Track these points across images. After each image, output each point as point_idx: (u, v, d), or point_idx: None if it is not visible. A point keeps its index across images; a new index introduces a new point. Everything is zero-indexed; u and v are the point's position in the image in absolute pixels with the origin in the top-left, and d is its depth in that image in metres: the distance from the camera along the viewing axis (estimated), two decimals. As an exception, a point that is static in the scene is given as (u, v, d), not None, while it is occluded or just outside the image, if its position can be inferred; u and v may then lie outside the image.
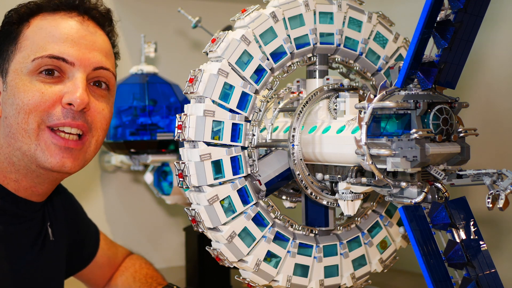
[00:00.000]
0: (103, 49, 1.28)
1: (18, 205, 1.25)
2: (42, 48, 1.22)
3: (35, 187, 1.26)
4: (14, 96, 1.21)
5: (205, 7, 2.29)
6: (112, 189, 2.22)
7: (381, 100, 1.02)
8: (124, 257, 1.65)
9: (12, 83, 1.22)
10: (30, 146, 1.20)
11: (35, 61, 1.21)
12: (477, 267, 1.01)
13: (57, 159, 1.20)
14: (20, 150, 1.21)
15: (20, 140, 1.20)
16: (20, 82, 1.21)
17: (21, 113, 1.19)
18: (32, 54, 1.21)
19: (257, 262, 1.22)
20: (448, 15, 1.00)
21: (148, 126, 1.87)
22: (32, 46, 1.22)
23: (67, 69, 1.22)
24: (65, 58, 1.22)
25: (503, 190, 0.95)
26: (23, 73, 1.21)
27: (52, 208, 1.38)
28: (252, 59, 1.22)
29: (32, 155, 1.20)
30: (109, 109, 1.29)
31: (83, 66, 1.23)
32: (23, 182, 1.25)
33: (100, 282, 1.60)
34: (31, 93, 1.20)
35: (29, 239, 1.29)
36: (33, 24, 1.25)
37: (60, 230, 1.40)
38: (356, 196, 1.19)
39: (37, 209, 1.31)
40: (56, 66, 1.22)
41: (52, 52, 1.21)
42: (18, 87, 1.21)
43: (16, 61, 1.23)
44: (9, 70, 1.23)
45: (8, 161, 1.23)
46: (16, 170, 1.24)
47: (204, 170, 1.18)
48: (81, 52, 1.23)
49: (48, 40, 1.22)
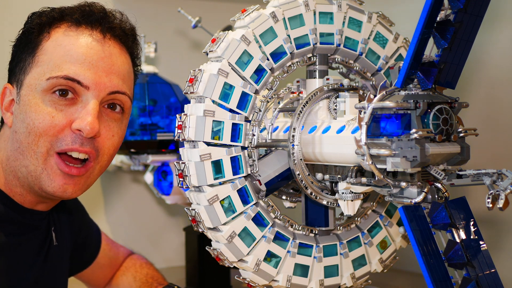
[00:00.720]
0: (120, 72, 1.23)
1: (25, 215, 1.25)
2: (58, 67, 1.18)
3: (40, 200, 1.25)
4: (25, 114, 1.18)
5: (205, 7, 2.29)
6: (112, 189, 2.22)
7: (381, 100, 1.02)
8: (125, 257, 1.65)
9: (25, 99, 1.19)
10: (37, 168, 1.18)
11: (50, 81, 1.18)
12: (477, 267, 1.01)
13: (59, 184, 1.18)
14: (27, 168, 1.19)
15: (28, 159, 1.18)
16: (33, 100, 1.18)
17: (32, 134, 1.17)
18: (48, 73, 1.18)
19: (257, 262, 1.22)
20: (448, 15, 1.00)
21: (148, 126, 1.87)
22: (48, 63, 1.19)
23: (81, 92, 1.19)
24: (80, 81, 1.18)
25: (503, 190, 0.95)
26: (36, 91, 1.18)
27: (56, 212, 1.38)
28: (252, 59, 1.22)
29: (38, 177, 1.19)
30: (120, 134, 1.26)
31: (98, 90, 1.19)
32: (28, 197, 1.24)
33: (101, 282, 1.60)
34: (42, 116, 1.17)
35: (35, 247, 1.28)
36: (53, 38, 1.21)
37: (63, 233, 1.39)
38: (356, 196, 1.19)
39: (43, 218, 1.30)
40: (71, 87, 1.18)
41: (67, 73, 1.17)
42: (30, 105, 1.18)
43: (32, 76, 1.20)
44: (24, 83, 1.20)
45: (13, 175, 1.22)
46: (21, 185, 1.22)
47: (204, 170, 1.18)
48: (97, 76, 1.19)
49: (65, 59, 1.19)
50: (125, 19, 1.29)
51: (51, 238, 1.33)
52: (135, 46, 1.31)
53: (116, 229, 2.20)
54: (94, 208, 2.14)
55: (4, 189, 1.23)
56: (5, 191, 1.23)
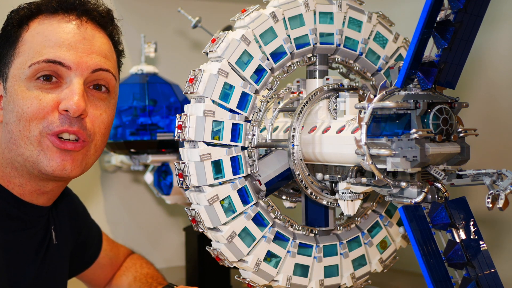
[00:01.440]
0: (101, 51, 1.26)
1: (24, 210, 1.25)
2: (39, 53, 1.20)
3: (40, 189, 1.26)
4: (13, 103, 1.20)
5: (205, 7, 2.29)
6: (112, 189, 2.22)
7: (381, 100, 1.02)
8: (125, 256, 1.65)
9: (11, 90, 1.21)
10: (33, 152, 1.19)
11: (32, 67, 1.20)
12: (477, 267, 1.01)
13: (57, 162, 1.20)
14: (22, 156, 1.20)
15: (22, 146, 1.20)
16: (19, 88, 1.20)
17: (22, 120, 1.19)
18: (29, 60, 1.20)
19: (257, 262, 1.22)
20: (448, 15, 1.00)
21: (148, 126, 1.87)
22: (29, 52, 1.21)
23: (65, 74, 1.21)
24: (61, 61, 1.20)
25: (503, 190, 0.95)
26: (21, 79, 1.20)
27: (56, 211, 1.38)
28: (252, 59, 1.22)
29: (35, 161, 1.20)
30: (108, 113, 1.27)
31: (81, 69, 1.21)
32: (28, 186, 1.24)
33: (101, 282, 1.60)
34: (29, 100, 1.19)
35: (34, 245, 1.28)
36: (31, 28, 1.24)
37: (64, 233, 1.39)
38: (356, 196, 1.19)
39: (43, 214, 1.30)
40: (53, 71, 1.20)
41: (48, 57, 1.20)
42: (17, 93, 1.20)
43: (15, 66, 1.22)
44: (9, 76, 1.23)
45: (11, 166, 1.23)
46: (19, 175, 1.23)
47: (204, 170, 1.18)
48: (78, 56, 1.22)
49: (45, 44, 1.21)
50: (101, 3, 1.31)
51: (51, 236, 1.33)
52: (114, 28, 1.33)
53: (116, 229, 2.20)
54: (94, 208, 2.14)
55: (2, 183, 1.24)
56: (3, 184, 1.24)
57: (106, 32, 1.30)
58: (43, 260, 1.30)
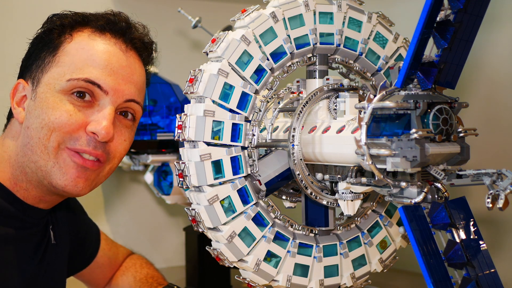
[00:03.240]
0: (138, 82, 1.27)
1: (25, 212, 1.25)
2: (80, 70, 1.21)
3: (44, 197, 1.26)
4: (41, 110, 1.20)
5: (205, 7, 2.29)
6: (112, 189, 2.22)
7: (381, 100, 1.02)
8: (125, 257, 1.65)
9: (42, 96, 1.21)
10: (47, 163, 1.20)
11: (70, 82, 1.20)
12: (477, 267, 1.01)
13: (72, 177, 1.20)
14: (36, 164, 1.20)
15: (38, 154, 1.20)
16: (51, 98, 1.20)
17: (45, 128, 1.19)
18: (69, 74, 1.20)
19: (257, 262, 1.22)
20: (448, 15, 1.00)
21: (148, 126, 1.88)
22: (70, 65, 1.21)
23: (99, 96, 1.21)
24: (100, 85, 1.21)
25: (503, 190, 0.95)
26: (55, 90, 1.20)
27: (54, 212, 1.38)
28: (252, 59, 1.22)
29: (48, 172, 1.20)
30: (130, 140, 1.29)
31: (116, 96, 1.22)
32: (33, 192, 1.24)
33: (100, 282, 1.61)
34: (59, 112, 1.19)
35: (32, 244, 1.28)
36: (76, 40, 1.23)
37: (62, 233, 1.40)
38: (356, 196, 1.19)
39: (43, 216, 1.30)
40: (90, 90, 1.21)
41: (89, 76, 1.20)
42: (48, 102, 1.20)
43: (51, 75, 1.21)
44: (42, 81, 1.22)
45: (21, 170, 1.23)
46: (27, 180, 1.23)
47: (204, 170, 1.18)
48: (117, 83, 1.22)
49: (88, 63, 1.21)
50: (147, 33, 1.33)
51: (49, 236, 1.33)
52: (150, 60, 1.35)
53: (116, 229, 2.20)
54: (94, 208, 2.14)
55: (8, 185, 1.24)
56: (9, 186, 1.24)
57: (143, 62, 1.32)
58: (42, 260, 1.30)
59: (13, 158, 1.24)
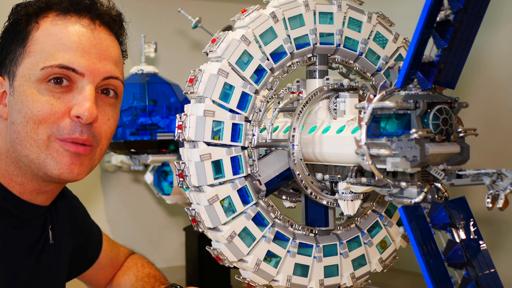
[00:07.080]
0: (113, 57, 1.25)
1: (22, 208, 1.25)
2: (52, 56, 1.19)
3: (41, 188, 1.26)
4: (22, 104, 1.19)
5: (205, 7, 2.29)
6: (112, 189, 2.22)
7: (381, 100, 1.02)
8: (126, 256, 1.65)
9: (20, 89, 1.20)
10: (40, 155, 1.19)
11: (44, 70, 1.19)
12: (477, 267, 1.01)
13: (66, 165, 1.20)
14: (27, 157, 1.20)
15: (28, 148, 1.19)
16: (29, 90, 1.19)
17: (30, 122, 1.18)
18: (41, 62, 1.19)
19: (257, 262, 1.22)
20: (448, 15, 1.00)
21: (148, 126, 1.88)
22: (41, 53, 1.20)
23: (77, 79, 1.20)
24: (75, 68, 1.19)
25: (503, 190, 0.95)
26: (31, 81, 1.19)
27: (55, 212, 1.38)
28: (252, 59, 1.22)
29: (41, 163, 1.19)
30: (115, 118, 1.28)
31: (93, 76, 1.21)
32: (29, 185, 1.24)
33: (102, 282, 1.60)
34: (40, 104, 1.18)
35: (29, 243, 1.28)
36: (43, 27, 1.22)
37: (63, 234, 1.39)
38: (356, 196, 1.19)
39: (41, 213, 1.30)
40: (65, 75, 1.19)
41: (62, 62, 1.19)
42: (26, 95, 1.19)
43: (25, 66, 1.20)
44: (17, 74, 1.21)
45: (15, 165, 1.23)
46: (22, 174, 1.23)
47: (204, 170, 1.18)
48: (91, 62, 1.21)
49: (58, 48, 1.20)
50: (112, 6, 1.30)
51: (47, 236, 1.33)
52: (122, 32, 1.32)
53: (116, 229, 2.20)
54: (94, 208, 2.14)
55: (2, 181, 1.24)
56: (4, 183, 1.24)
57: (116, 36, 1.30)
58: (38, 259, 1.30)
59: (4, 155, 1.23)
